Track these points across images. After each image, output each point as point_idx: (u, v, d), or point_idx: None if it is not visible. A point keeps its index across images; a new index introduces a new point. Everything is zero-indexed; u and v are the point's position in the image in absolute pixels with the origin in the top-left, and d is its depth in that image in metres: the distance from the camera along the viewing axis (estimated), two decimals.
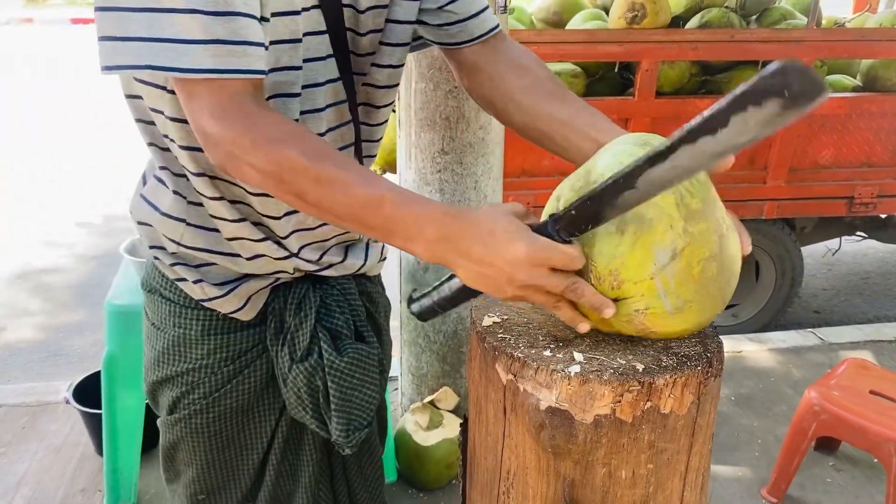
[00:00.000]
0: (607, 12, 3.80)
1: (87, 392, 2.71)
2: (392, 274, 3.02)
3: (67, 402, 2.72)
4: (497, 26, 1.25)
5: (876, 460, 2.42)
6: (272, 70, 1.03)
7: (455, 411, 2.71)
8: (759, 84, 0.76)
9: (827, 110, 3.66)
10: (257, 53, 0.94)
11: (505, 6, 2.29)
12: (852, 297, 5.01)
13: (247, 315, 1.24)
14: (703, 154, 0.84)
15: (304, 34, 1.05)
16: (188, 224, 1.17)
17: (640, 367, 1.00)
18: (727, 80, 3.71)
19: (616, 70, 3.73)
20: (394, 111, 3.67)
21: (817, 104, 0.76)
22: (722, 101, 0.80)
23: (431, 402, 2.70)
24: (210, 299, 1.21)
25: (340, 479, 1.43)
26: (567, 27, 3.84)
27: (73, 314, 4.46)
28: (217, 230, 1.17)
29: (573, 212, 0.92)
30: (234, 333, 1.26)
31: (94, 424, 2.70)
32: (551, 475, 1.07)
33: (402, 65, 1.24)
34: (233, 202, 1.15)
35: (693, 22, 3.79)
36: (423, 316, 1.11)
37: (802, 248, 4.17)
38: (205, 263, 1.21)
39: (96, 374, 2.59)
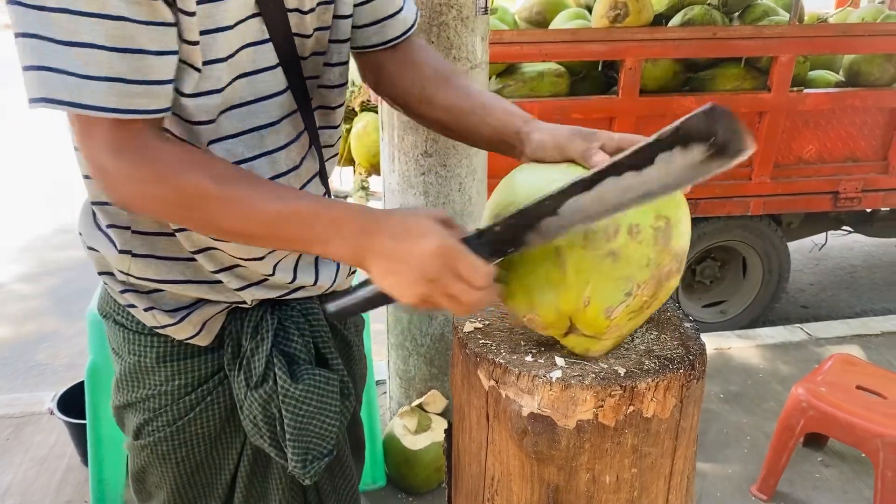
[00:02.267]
0: (591, 11, 3.80)
1: (72, 402, 2.68)
2: None
3: (52, 412, 2.69)
4: (409, 29, 1.26)
5: (864, 455, 2.42)
6: (215, 91, 1.00)
7: (443, 414, 2.70)
8: (686, 125, 0.78)
9: (810, 106, 3.67)
10: (161, 92, 0.92)
11: (486, 8, 2.28)
12: (839, 291, 5.02)
13: (203, 340, 1.20)
14: (629, 189, 0.84)
15: (246, 45, 1.01)
16: (134, 255, 1.12)
17: (621, 371, 1.00)
18: (710, 77, 3.71)
19: (600, 69, 3.72)
20: (371, 111, 3.66)
21: (742, 158, 0.78)
22: (650, 138, 0.81)
23: (419, 406, 2.69)
24: (163, 326, 1.17)
25: (314, 500, 1.38)
26: (550, 27, 3.84)
27: (56, 324, 4.42)
28: (168, 257, 1.13)
29: (497, 228, 0.93)
30: (191, 359, 1.21)
31: (79, 435, 2.67)
32: (535, 481, 1.06)
33: (348, 61, 1.22)
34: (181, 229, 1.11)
35: (676, 20, 3.79)
36: (336, 316, 1.10)
37: (789, 244, 4.18)
38: (155, 290, 1.16)
39: (81, 385, 2.56)
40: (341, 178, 4.44)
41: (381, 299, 0.99)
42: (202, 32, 0.94)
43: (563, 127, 1.06)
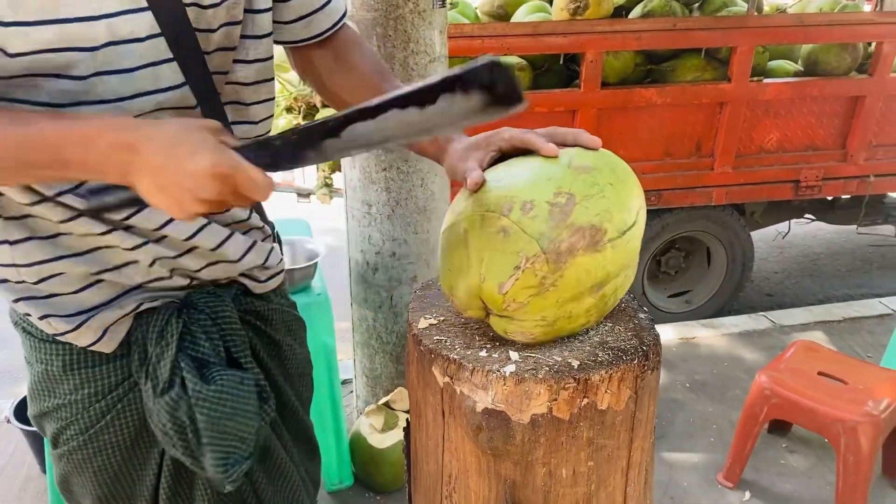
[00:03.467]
0: (552, 4, 3.80)
1: None
2: (342, 276, 2.99)
3: (9, 421, 2.63)
4: (337, 23, 1.24)
5: (827, 441, 2.45)
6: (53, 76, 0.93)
7: (410, 412, 2.68)
8: (471, 73, 0.82)
9: (770, 95, 3.71)
10: None
11: (443, 1, 2.26)
12: (803, 278, 5.10)
13: (107, 347, 1.14)
14: (409, 124, 0.87)
15: (132, 40, 0.96)
16: (11, 243, 1.06)
17: (575, 363, 0.99)
18: (671, 68, 3.73)
19: (562, 62, 3.72)
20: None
21: (516, 111, 0.83)
22: (435, 77, 0.85)
23: (386, 404, 2.67)
24: (62, 333, 1.12)
25: (252, 500, 1.32)
26: (512, 20, 3.83)
27: (8, 328, 4.32)
28: (52, 235, 1.06)
29: (277, 142, 0.92)
30: (98, 367, 1.16)
31: (37, 443, 2.61)
32: (492, 477, 1.05)
33: (271, 58, 1.17)
34: (56, 200, 1.03)
35: (636, 12, 3.80)
36: (92, 212, 1.02)
37: (753, 233, 4.23)
38: (52, 294, 1.10)
39: None
40: (304, 176, 4.40)
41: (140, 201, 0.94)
42: (55, 21, 0.89)
43: (461, 146, 1.11)
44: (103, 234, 1.07)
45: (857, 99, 3.86)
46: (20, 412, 2.65)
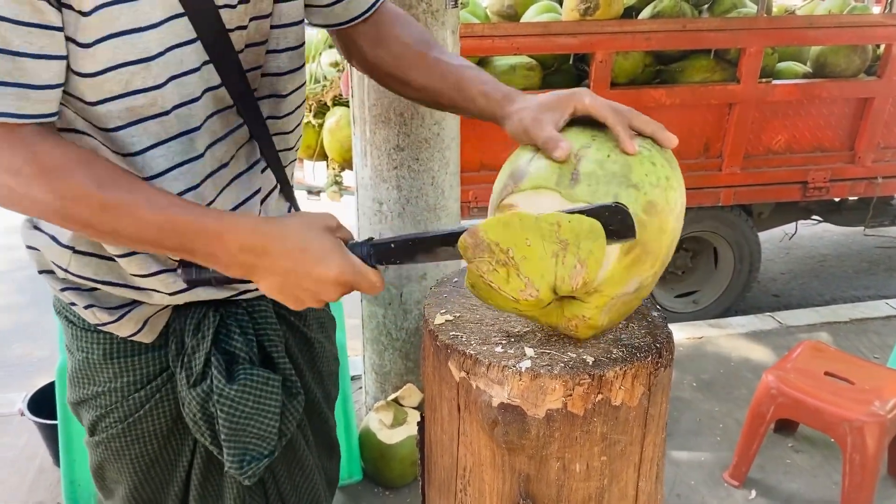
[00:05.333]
0: (561, 4, 3.81)
1: (43, 403, 2.65)
2: None
3: (23, 413, 2.66)
4: (375, 4, 1.23)
5: (833, 440, 2.46)
6: (122, 95, 0.96)
7: (419, 408, 2.70)
8: (594, 211, 0.89)
9: (779, 97, 3.72)
10: (41, 97, 0.89)
11: (456, 1, 2.28)
12: (809, 279, 5.10)
13: (146, 338, 1.18)
14: None
15: (169, 48, 0.97)
16: (76, 252, 1.11)
17: (590, 360, 1.00)
18: (680, 69, 3.74)
19: (571, 62, 3.74)
20: (344, 105, 3.65)
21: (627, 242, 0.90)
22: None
23: (395, 400, 2.69)
24: (104, 324, 1.15)
25: (273, 495, 1.36)
26: (521, 20, 3.84)
27: (26, 322, 4.37)
28: (109, 258, 1.11)
29: (392, 245, 1.01)
30: (137, 356, 1.20)
31: (50, 435, 2.64)
32: (507, 471, 1.07)
33: (303, 44, 1.20)
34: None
35: (646, 12, 3.82)
36: (190, 283, 1.09)
37: (760, 234, 4.23)
38: (94, 288, 1.15)
39: (52, 384, 2.54)
40: (315, 173, 4.41)
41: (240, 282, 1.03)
42: (111, 36, 0.91)
43: (530, 106, 1.04)
44: (148, 276, 1.11)
45: (866, 101, 3.86)
46: (34, 405, 2.68)
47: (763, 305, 4.59)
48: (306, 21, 1.22)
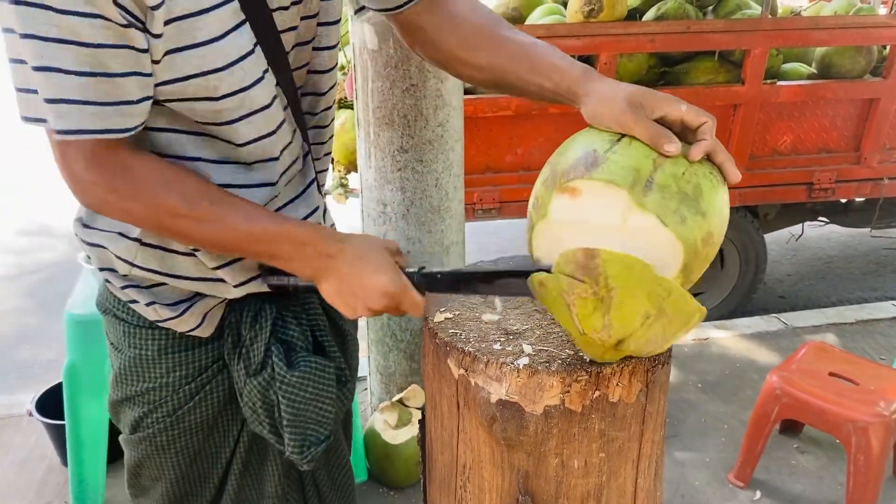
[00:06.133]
0: (566, 7, 3.82)
1: (51, 403, 2.67)
2: None
3: (31, 414, 2.68)
4: None
5: (838, 441, 2.46)
6: (217, 98, 1.00)
7: (423, 408, 2.71)
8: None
9: (784, 98, 3.71)
10: (132, 111, 0.95)
11: None
12: (816, 281, 5.09)
13: (205, 332, 1.22)
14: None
15: (243, 57, 1.00)
16: (143, 244, 1.13)
17: (587, 356, 1.01)
18: (685, 70, 3.74)
19: None
20: (348, 107, 3.66)
21: None
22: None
23: (400, 401, 2.70)
24: (165, 320, 1.18)
25: (310, 485, 1.41)
26: (526, 23, 3.85)
27: (35, 324, 4.40)
28: (174, 251, 1.13)
29: (439, 276, 1.11)
30: (191, 350, 1.23)
31: (58, 436, 2.66)
32: (506, 467, 1.08)
33: (338, 44, 1.23)
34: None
35: (650, 14, 3.82)
36: (273, 289, 1.19)
37: (767, 235, 4.23)
38: (157, 284, 1.18)
39: (60, 385, 2.56)
40: None
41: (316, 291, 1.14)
42: (203, 43, 0.95)
43: (620, 93, 0.99)
44: (217, 268, 1.16)
45: (872, 101, 3.85)
46: (42, 406, 2.70)
47: (769, 307, 4.58)
48: (365, 4, 1.22)
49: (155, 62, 0.95)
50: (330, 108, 1.28)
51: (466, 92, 3.11)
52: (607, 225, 0.91)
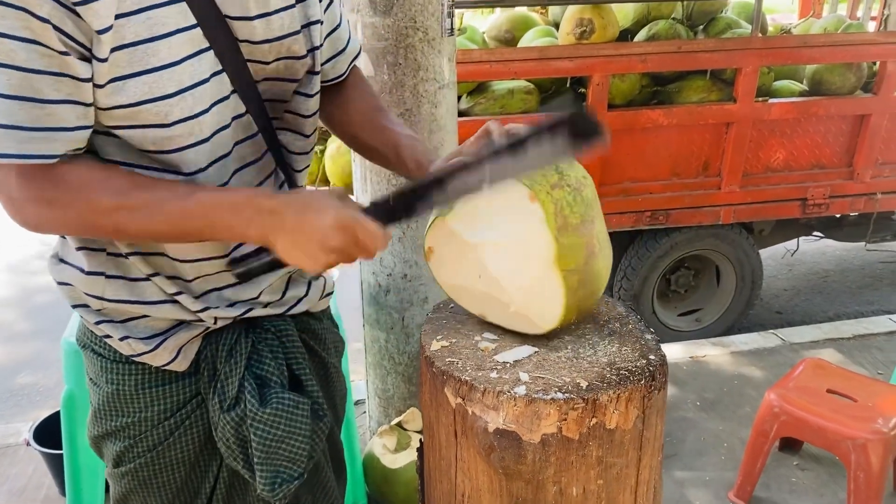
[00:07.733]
0: (558, 29, 3.85)
1: (49, 432, 2.66)
2: (354, 298, 3.03)
3: (28, 443, 2.67)
4: (351, 65, 1.35)
5: (838, 458, 2.46)
6: (168, 125, 1.02)
7: (422, 432, 2.70)
8: (555, 120, 0.97)
9: (776, 115, 3.75)
10: (64, 138, 0.96)
11: (452, 29, 2.32)
12: (812, 296, 5.10)
13: (180, 366, 1.22)
14: (506, 170, 1.03)
15: (196, 84, 1.03)
16: (108, 276, 1.14)
17: (583, 384, 1.02)
18: (677, 89, 3.77)
19: (568, 85, 3.77)
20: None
21: (600, 143, 0.97)
22: (524, 128, 1.02)
23: (399, 424, 2.69)
24: (139, 354, 1.18)
25: None
26: (519, 45, 3.89)
27: (33, 352, 4.38)
28: (135, 279, 1.15)
29: (390, 202, 1.07)
30: (169, 385, 1.23)
31: (56, 465, 2.64)
32: (504, 496, 1.08)
33: (319, 92, 1.26)
34: (146, 254, 1.14)
35: (641, 35, 3.86)
36: (242, 276, 1.17)
37: (762, 250, 4.25)
38: (130, 318, 1.18)
39: (58, 414, 2.55)
40: None
41: (282, 263, 1.10)
42: (160, 68, 0.98)
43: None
44: (174, 294, 1.17)
45: (863, 117, 3.89)
46: (39, 435, 2.69)
47: (766, 322, 4.59)
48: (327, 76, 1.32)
49: (98, 86, 0.96)
50: (308, 152, 1.30)
51: (460, 115, 3.12)
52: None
